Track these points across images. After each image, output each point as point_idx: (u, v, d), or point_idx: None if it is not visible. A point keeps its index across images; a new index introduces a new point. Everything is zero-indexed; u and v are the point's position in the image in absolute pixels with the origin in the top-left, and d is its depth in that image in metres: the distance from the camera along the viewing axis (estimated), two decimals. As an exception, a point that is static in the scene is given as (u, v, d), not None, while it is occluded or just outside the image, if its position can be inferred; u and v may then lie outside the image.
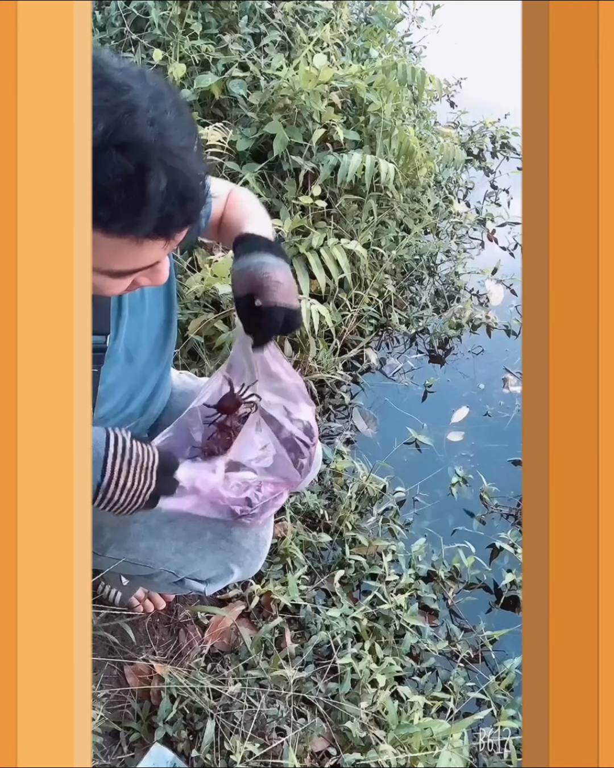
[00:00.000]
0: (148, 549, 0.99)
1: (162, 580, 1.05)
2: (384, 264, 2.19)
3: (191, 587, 1.05)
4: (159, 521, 0.98)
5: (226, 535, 0.99)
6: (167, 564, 1.01)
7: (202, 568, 1.02)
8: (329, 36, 2.15)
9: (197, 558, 1.00)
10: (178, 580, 1.04)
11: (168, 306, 0.94)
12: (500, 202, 2.92)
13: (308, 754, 1.17)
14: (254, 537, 1.00)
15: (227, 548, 1.00)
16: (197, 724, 1.17)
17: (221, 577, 1.04)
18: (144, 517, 0.97)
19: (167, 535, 0.99)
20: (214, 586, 1.06)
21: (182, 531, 0.99)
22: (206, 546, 1.00)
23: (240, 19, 2.11)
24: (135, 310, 0.89)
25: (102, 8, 2.21)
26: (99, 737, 1.14)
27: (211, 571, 1.02)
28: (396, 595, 1.43)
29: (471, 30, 3.61)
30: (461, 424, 1.99)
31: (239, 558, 1.01)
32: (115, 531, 0.98)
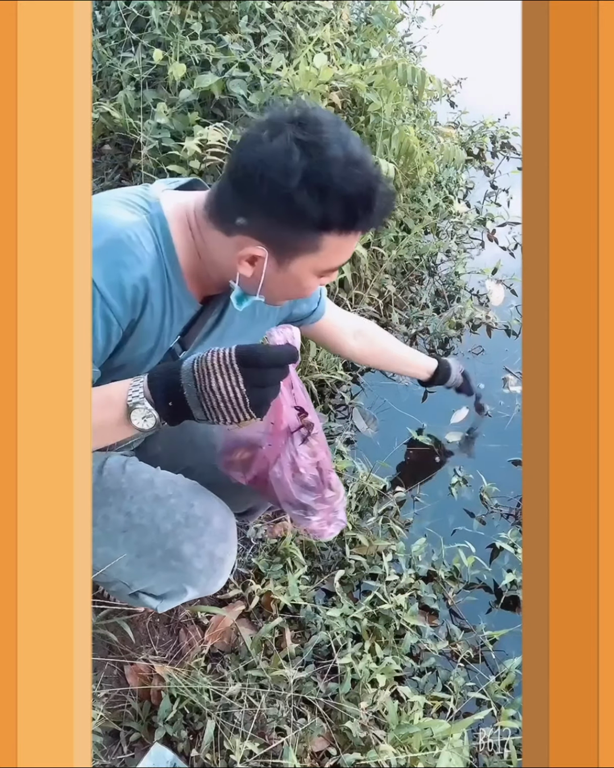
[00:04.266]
0: (104, 555, 0.96)
1: (118, 590, 1.03)
2: (384, 264, 2.19)
3: (143, 602, 1.03)
4: (114, 529, 0.96)
5: (176, 555, 0.95)
6: (120, 575, 0.98)
7: (154, 584, 0.99)
8: (329, 36, 2.15)
9: (148, 573, 0.97)
10: (132, 592, 1.01)
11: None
12: (500, 202, 2.92)
13: (308, 754, 1.17)
14: (207, 556, 0.96)
15: (178, 568, 0.96)
16: (197, 724, 1.17)
17: (175, 594, 1.01)
18: (103, 522, 0.95)
19: (121, 544, 0.96)
20: (167, 603, 1.03)
21: (134, 544, 0.96)
22: (157, 563, 0.96)
23: (240, 19, 2.11)
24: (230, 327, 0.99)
25: (102, 8, 2.22)
26: (99, 737, 1.14)
27: (164, 588, 1.00)
28: (396, 595, 1.43)
29: (471, 30, 3.61)
30: (461, 424, 1.99)
31: (191, 578, 0.97)
32: None
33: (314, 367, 1.90)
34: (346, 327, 1.29)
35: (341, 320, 1.27)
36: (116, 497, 0.97)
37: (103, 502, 0.96)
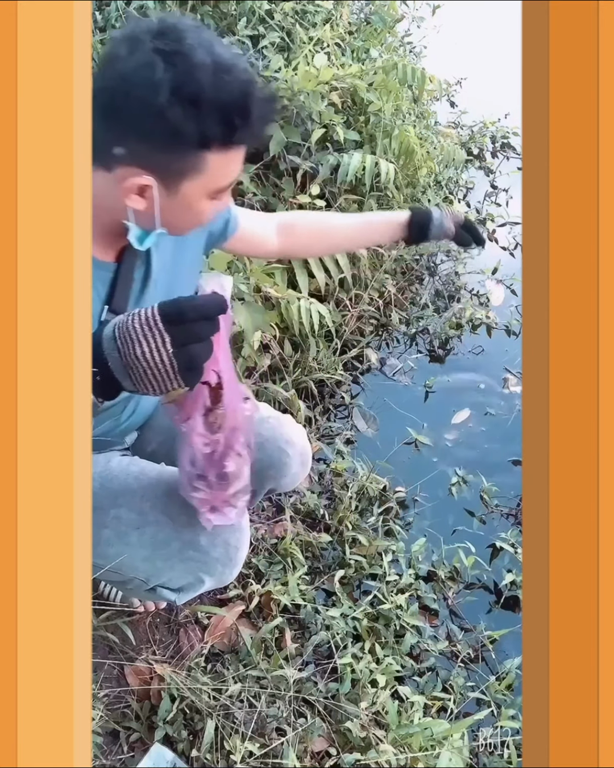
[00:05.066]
0: (117, 555, 0.96)
1: (134, 587, 1.03)
2: (384, 264, 2.19)
3: (162, 596, 1.03)
4: (127, 527, 0.96)
5: (193, 545, 0.96)
6: (136, 572, 0.98)
7: (172, 577, 0.99)
8: (329, 36, 2.16)
9: (165, 567, 0.98)
10: (149, 588, 1.02)
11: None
12: (500, 202, 2.93)
13: (308, 754, 1.17)
14: (223, 545, 0.97)
15: (196, 558, 0.97)
16: (197, 724, 1.17)
17: (192, 586, 1.01)
18: (114, 523, 0.96)
19: (134, 542, 0.96)
20: (185, 595, 1.03)
21: (149, 539, 0.96)
22: (174, 555, 0.97)
23: (239, 21, 2.11)
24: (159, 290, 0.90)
25: (102, 8, 2.21)
26: (99, 737, 1.14)
27: (181, 580, 1.00)
28: (396, 595, 1.43)
29: (471, 30, 3.61)
30: (461, 423, 2.00)
31: (208, 568, 0.98)
32: None
33: (314, 367, 1.90)
34: (268, 228, 1.17)
35: (260, 224, 1.15)
36: (126, 497, 0.97)
37: (113, 504, 0.97)
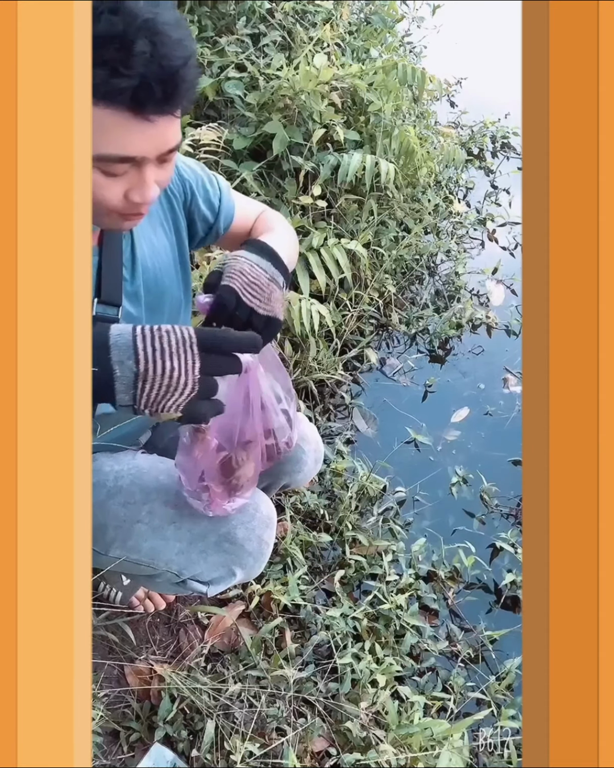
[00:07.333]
0: (151, 549, 0.99)
1: (164, 580, 1.05)
2: (384, 264, 2.19)
3: (192, 588, 1.05)
4: (163, 521, 0.98)
5: (230, 538, 0.99)
6: (169, 565, 1.00)
7: (204, 570, 1.01)
8: (329, 36, 2.15)
9: (199, 559, 1.00)
10: (180, 581, 1.04)
11: (185, 290, 0.93)
12: (500, 202, 2.93)
13: (308, 754, 1.17)
14: (256, 540, 1.00)
15: (231, 550, 1.00)
16: (197, 724, 1.17)
17: (223, 579, 1.04)
18: (148, 518, 0.97)
19: (170, 536, 0.98)
20: (216, 587, 1.06)
21: (186, 532, 0.98)
22: (210, 548, 0.99)
23: (238, 20, 2.11)
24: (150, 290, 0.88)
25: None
26: (99, 737, 1.14)
27: (213, 573, 1.02)
28: (396, 595, 1.43)
29: (471, 30, 3.62)
30: (461, 423, 2.00)
31: (241, 560, 1.01)
32: (118, 530, 0.98)
33: (314, 367, 1.90)
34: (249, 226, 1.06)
35: (248, 222, 1.04)
36: (160, 492, 0.99)
37: (146, 499, 0.98)
